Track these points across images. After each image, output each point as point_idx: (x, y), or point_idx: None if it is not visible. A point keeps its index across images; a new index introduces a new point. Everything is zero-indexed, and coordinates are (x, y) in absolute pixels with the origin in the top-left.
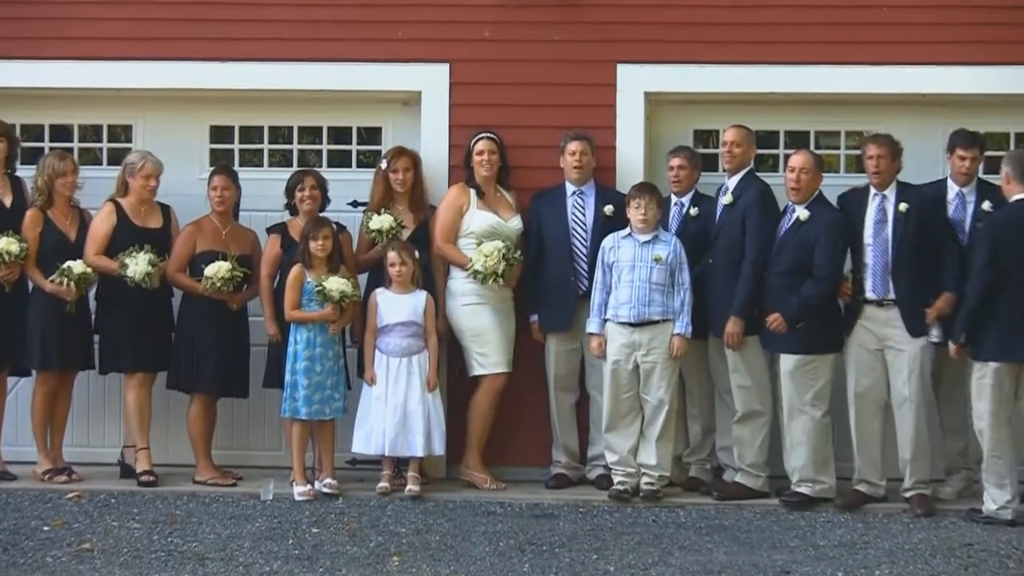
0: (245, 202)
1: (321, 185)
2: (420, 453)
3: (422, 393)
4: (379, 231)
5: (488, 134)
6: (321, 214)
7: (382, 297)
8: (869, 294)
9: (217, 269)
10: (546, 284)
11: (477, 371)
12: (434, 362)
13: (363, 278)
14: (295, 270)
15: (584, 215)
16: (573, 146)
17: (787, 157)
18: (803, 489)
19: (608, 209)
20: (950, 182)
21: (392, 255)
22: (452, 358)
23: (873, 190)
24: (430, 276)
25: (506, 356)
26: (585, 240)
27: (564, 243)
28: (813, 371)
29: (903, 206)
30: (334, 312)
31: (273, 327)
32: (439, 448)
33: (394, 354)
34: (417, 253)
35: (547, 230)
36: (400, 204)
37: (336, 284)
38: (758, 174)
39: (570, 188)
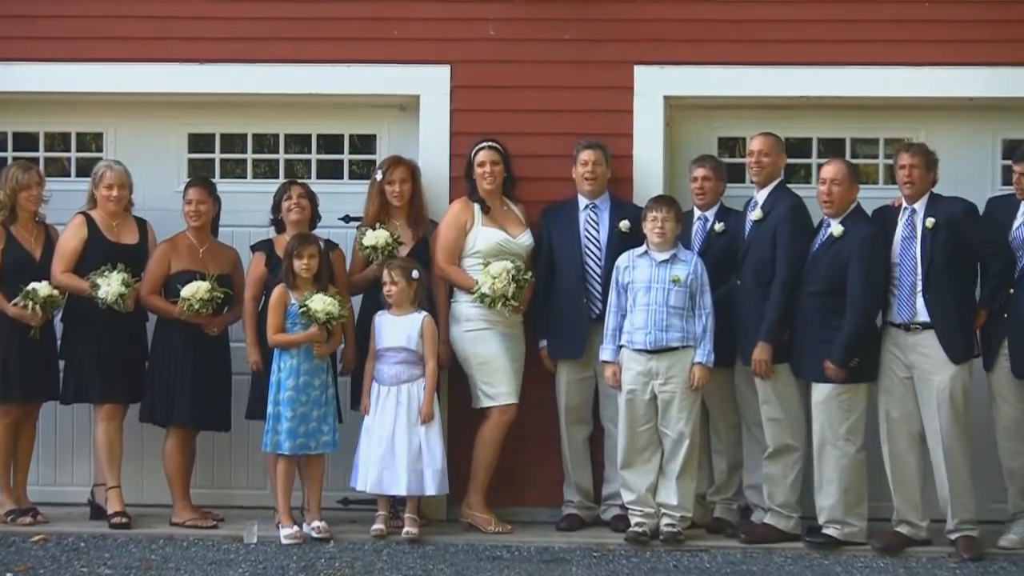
0: (226, 217)
1: (310, 196)
2: (403, 492)
3: (410, 425)
4: (374, 248)
5: (490, 143)
6: (311, 231)
7: (380, 319)
8: (895, 317)
9: (195, 290)
10: (556, 307)
11: (484, 403)
12: (429, 391)
13: (359, 301)
14: (277, 291)
15: (598, 231)
16: (586, 155)
17: (820, 167)
18: (830, 531)
19: (624, 224)
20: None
21: (384, 274)
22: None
23: (904, 203)
24: (431, 299)
25: (515, 386)
26: (599, 258)
27: (576, 262)
28: (848, 401)
29: (930, 221)
30: (320, 333)
31: (255, 354)
32: (432, 487)
33: (385, 382)
34: (416, 273)
35: (557, 247)
36: (397, 219)
37: (321, 304)
38: (789, 186)
39: (583, 201)
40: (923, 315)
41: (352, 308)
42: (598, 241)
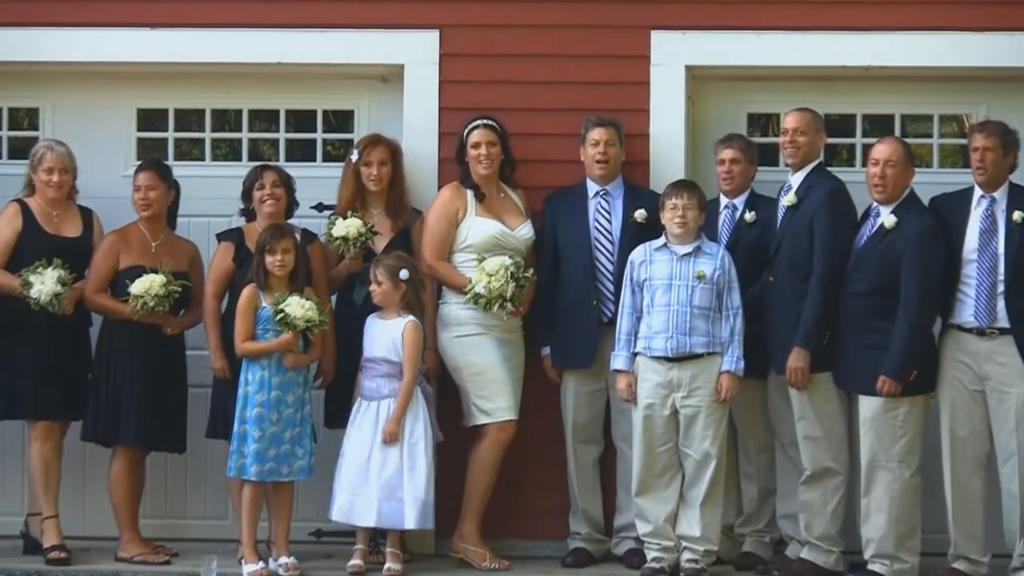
0: (181, 205)
1: (286, 182)
2: (372, 523)
3: (385, 448)
4: (343, 239)
5: (485, 120)
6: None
7: (371, 322)
8: (968, 320)
9: (148, 285)
10: (561, 309)
11: (479, 420)
12: (398, 407)
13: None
14: (247, 292)
15: (610, 221)
16: (596, 134)
17: (866, 148)
18: (877, 567)
19: (640, 214)
20: None
21: (370, 272)
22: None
23: (978, 191)
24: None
25: (515, 400)
26: (611, 253)
27: (584, 257)
28: (902, 417)
29: (1017, 215)
30: (295, 340)
31: (220, 359)
32: (413, 519)
33: (366, 396)
34: (405, 273)
35: (563, 240)
36: (374, 207)
37: (299, 308)
38: (829, 169)
39: (592, 187)
40: (1003, 320)
41: (333, 311)
42: (610, 233)
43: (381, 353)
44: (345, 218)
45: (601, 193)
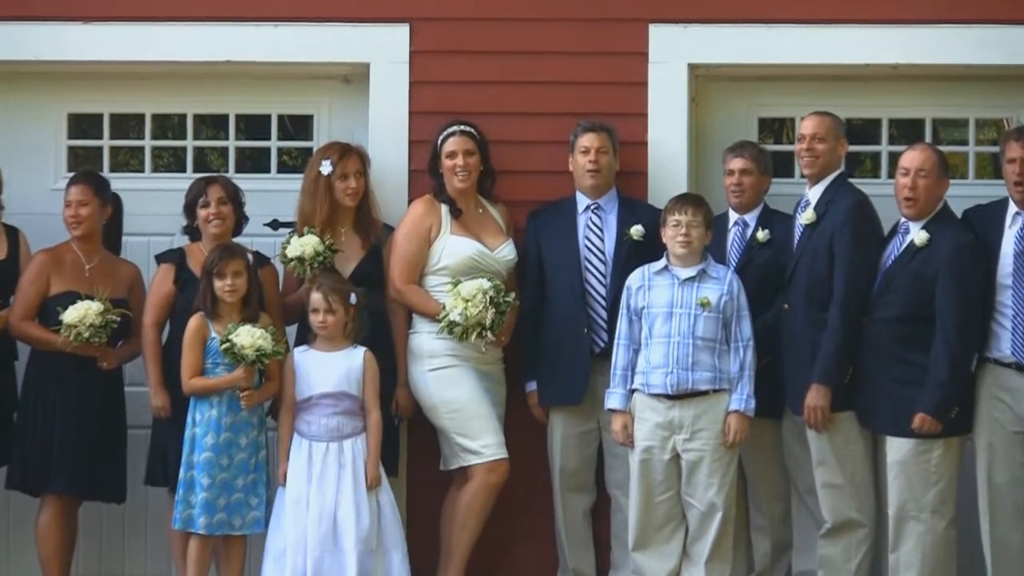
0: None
1: (234, 197)
2: None
3: (358, 494)
4: (299, 260)
5: (462, 126)
6: (233, 239)
7: (304, 357)
8: (1006, 354)
9: (83, 313)
10: (548, 339)
11: (466, 461)
12: (374, 449)
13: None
14: (194, 321)
15: (602, 239)
16: (587, 140)
17: (893, 156)
18: None
19: (636, 231)
20: None
21: (316, 297)
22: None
23: (1013, 207)
24: (385, 328)
25: (502, 436)
26: (603, 275)
27: (574, 279)
28: (936, 461)
29: None
30: (248, 375)
31: (161, 396)
32: (398, 572)
33: (319, 438)
34: (354, 297)
35: (550, 260)
36: (342, 223)
37: (249, 337)
38: (851, 180)
39: (582, 200)
40: None
41: (288, 342)
42: (602, 252)
43: (336, 387)
44: (301, 235)
45: (592, 207)
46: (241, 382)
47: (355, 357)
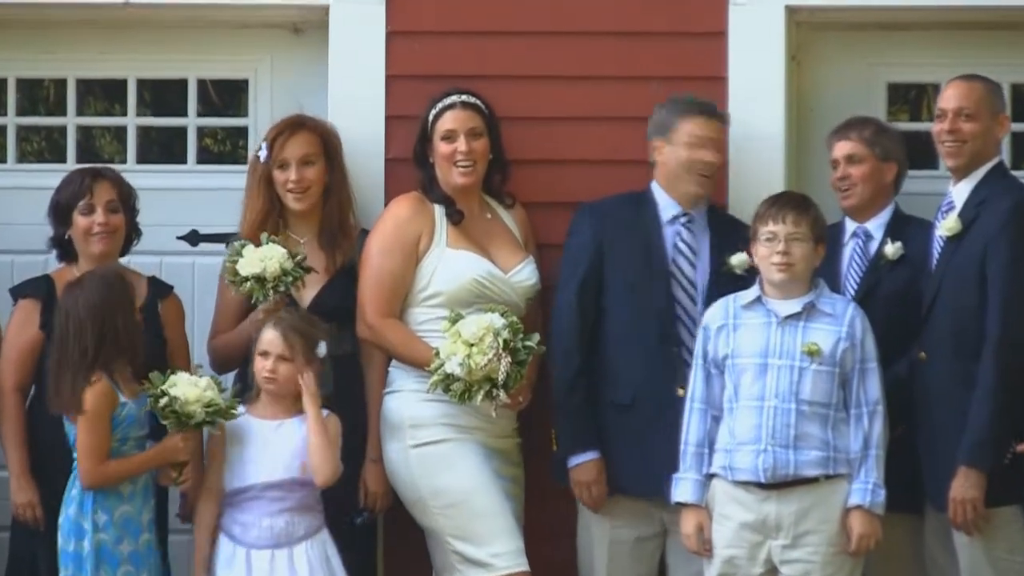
0: None
1: (124, 197)
2: None
3: None
4: (257, 279)
5: (464, 96)
6: (121, 259)
7: (239, 427)
8: None
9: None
10: (614, 397)
11: (467, 574)
12: (320, 442)
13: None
14: (101, 387)
15: (694, 266)
16: (702, 127)
17: None
18: None
19: (739, 261)
20: None
21: (270, 336)
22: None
23: None
24: (350, 380)
25: (520, 540)
26: (691, 317)
27: (664, 317)
28: None
29: None
30: (187, 444)
31: (28, 491)
32: None
33: (258, 544)
34: (324, 348)
35: (620, 281)
36: (299, 231)
37: (193, 389)
38: (1015, 173)
39: (670, 207)
40: None
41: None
42: (692, 285)
43: (285, 475)
44: (259, 245)
45: (682, 219)
46: (180, 454)
47: (301, 430)
